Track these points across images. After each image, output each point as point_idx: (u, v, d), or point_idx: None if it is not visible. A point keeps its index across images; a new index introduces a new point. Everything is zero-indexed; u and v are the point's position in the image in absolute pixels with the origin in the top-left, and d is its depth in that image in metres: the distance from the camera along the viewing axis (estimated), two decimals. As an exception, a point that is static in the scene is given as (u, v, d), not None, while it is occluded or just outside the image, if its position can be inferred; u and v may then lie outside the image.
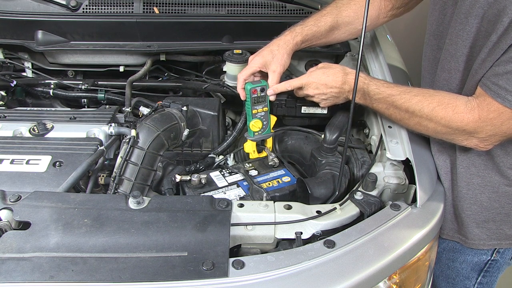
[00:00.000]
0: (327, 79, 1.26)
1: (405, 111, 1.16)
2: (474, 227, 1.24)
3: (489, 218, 1.22)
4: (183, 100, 1.49)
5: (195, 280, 0.87)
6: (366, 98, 1.24)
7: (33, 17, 1.69)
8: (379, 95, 1.20)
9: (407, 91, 1.16)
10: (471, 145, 1.10)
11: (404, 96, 1.15)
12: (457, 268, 1.34)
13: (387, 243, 1.02)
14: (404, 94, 1.16)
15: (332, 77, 1.26)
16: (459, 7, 1.08)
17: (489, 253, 1.29)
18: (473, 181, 1.20)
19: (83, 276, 0.87)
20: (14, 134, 1.31)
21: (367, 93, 1.23)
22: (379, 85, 1.21)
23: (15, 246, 0.92)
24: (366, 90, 1.23)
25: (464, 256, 1.31)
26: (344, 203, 1.13)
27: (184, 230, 0.97)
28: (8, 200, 1.02)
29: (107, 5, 1.73)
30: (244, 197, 1.21)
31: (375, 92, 1.21)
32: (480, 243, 1.26)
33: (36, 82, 1.73)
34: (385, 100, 1.20)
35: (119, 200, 1.04)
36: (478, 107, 1.05)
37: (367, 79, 1.24)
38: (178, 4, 1.77)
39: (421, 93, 1.14)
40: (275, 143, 1.47)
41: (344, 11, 1.42)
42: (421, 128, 1.17)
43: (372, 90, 1.21)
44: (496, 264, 1.31)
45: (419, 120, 1.14)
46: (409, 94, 1.15)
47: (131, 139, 1.24)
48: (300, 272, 0.92)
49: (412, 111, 1.14)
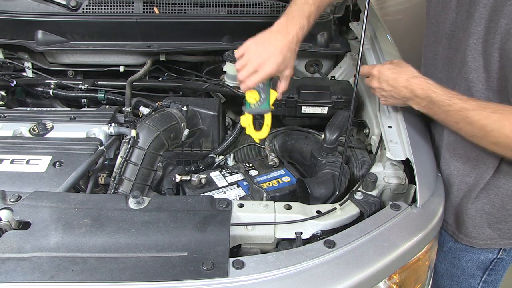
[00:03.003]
0: (390, 76, 1.21)
1: (480, 128, 1.07)
2: (486, 227, 1.23)
3: (501, 219, 1.22)
4: (183, 100, 1.49)
5: (195, 280, 0.87)
6: (431, 108, 1.15)
7: (33, 17, 1.69)
8: (450, 107, 1.10)
9: (483, 106, 1.07)
10: None
11: (481, 112, 1.06)
12: (462, 266, 1.33)
13: (387, 243, 1.02)
14: (480, 109, 1.06)
15: (396, 75, 1.20)
16: (483, 5, 1.05)
17: (496, 252, 1.29)
18: (488, 183, 1.19)
19: (83, 276, 0.87)
20: (14, 134, 1.31)
21: (435, 103, 1.13)
22: (451, 96, 1.11)
23: (15, 246, 0.92)
24: (434, 100, 1.13)
25: (471, 255, 1.31)
26: (344, 203, 1.13)
27: (184, 230, 0.97)
28: (8, 200, 1.02)
29: (107, 5, 1.73)
30: (244, 197, 1.21)
31: (446, 103, 1.11)
32: (492, 243, 1.26)
33: (36, 82, 1.73)
34: (456, 114, 1.10)
35: (119, 200, 1.04)
36: None
37: (437, 88, 1.13)
38: (178, 4, 1.77)
39: (499, 110, 1.05)
40: (275, 143, 1.47)
41: None
42: (497, 148, 1.08)
43: (442, 100, 1.11)
44: (502, 262, 1.31)
45: (496, 140, 1.05)
46: (486, 111, 1.05)
47: (131, 139, 1.24)
48: (300, 272, 0.92)
49: (490, 130, 1.05)
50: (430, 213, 1.13)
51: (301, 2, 1.26)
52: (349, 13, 1.95)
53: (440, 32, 1.23)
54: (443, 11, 1.21)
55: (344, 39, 1.91)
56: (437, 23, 1.24)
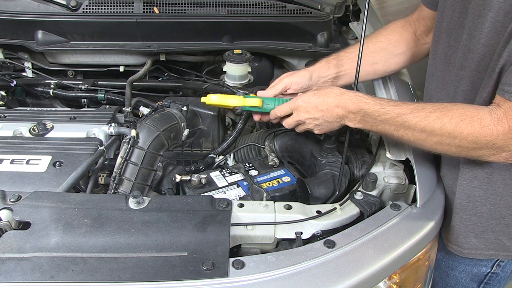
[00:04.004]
0: (317, 101, 1.13)
1: (420, 131, 1.02)
2: (472, 237, 1.19)
3: (488, 228, 1.17)
4: (183, 100, 1.49)
5: (195, 280, 0.87)
6: (367, 121, 1.09)
7: (33, 17, 1.69)
8: (386, 116, 1.05)
9: (420, 108, 1.03)
10: (500, 159, 1.00)
11: (418, 114, 1.02)
12: (456, 276, 1.31)
13: (387, 243, 1.02)
14: (417, 112, 1.02)
15: (323, 98, 1.13)
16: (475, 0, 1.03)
17: (489, 265, 1.25)
18: (475, 194, 1.14)
19: (83, 276, 0.87)
20: (14, 134, 1.31)
21: (369, 115, 1.08)
22: (384, 104, 1.07)
23: (15, 246, 0.92)
24: (367, 112, 1.08)
25: (463, 266, 1.28)
26: (344, 203, 1.13)
27: (184, 230, 0.97)
28: (8, 200, 1.02)
29: (107, 5, 1.73)
30: (244, 197, 1.21)
31: (380, 112, 1.06)
32: (477, 253, 1.21)
33: (36, 82, 1.73)
34: (393, 120, 1.05)
35: (119, 200, 1.04)
36: (506, 117, 0.94)
37: (368, 99, 1.08)
38: (178, 4, 1.77)
39: (437, 109, 1.01)
40: (275, 143, 1.47)
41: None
42: (441, 147, 1.04)
43: (376, 110, 1.06)
44: (497, 277, 1.27)
45: (439, 139, 1.01)
46: (423, 112, 1.02)
47: (131, 139, 1.23)
48: (300, 272, 0.92)
49: (431, 130, 1.01)
50: (430, 213, 1.13)
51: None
52: (349, 13, 1.95)
53: (439, 30, 1.22)
54: (441, 9, 1.19)
55: (344, 39, 1.91)
56: (437, 22, 1.23)
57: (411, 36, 1.39)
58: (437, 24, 1.22)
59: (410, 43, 1.39)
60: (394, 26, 1.42)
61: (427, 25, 1.35)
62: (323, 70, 1.37)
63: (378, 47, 1.39)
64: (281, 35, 1.81)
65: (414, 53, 1.40)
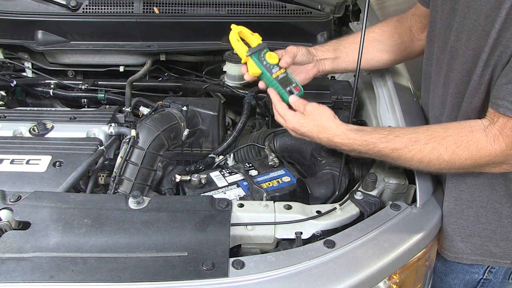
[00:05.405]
0: (309, 135, 1.14)
1: (418, 162, 1.04)
2: (459, 241, 1.18)
3: (474, 232, 1.17)
4: (183, 100, 1.49)
5: (195, 280, 0.87)
6: (365, 155, 1.12)
7: (33, 17, 1.69)
8: (382, 152, 1.07)
9: (414, 140, 1.03)
10: (501, 170, 1.02)
11: (413, 148, 1.03)
12: (449, 283, 1.30)
13: (387, 243, 1.02)
14: (412, 145, 1.03)
15: (316, 135, 1.13)
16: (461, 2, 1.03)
17: (481, 272, 1.24)
18: (462, 197, 1.15)
19: (83, 276, 0.87)
20: (14, 134, 1.31)
21: (364, 153, 1.10)
22: (377, 141, 1.06)
23: (15, 246, 0.92)
24: (362, 151, 1.09)
25: (456, 273, 1.27)
26: (344, 203, 1.13)
27: (184, 230, 0.97)
28: (8, 200, 1.02)
29: (107, 5, 1.73)
30: (244, 197, 1.21)
31: (376, 150, 1.07)
32: (463, 257, 1.20)
33: (36, 82, 1.73)
34: (389, 156, 1.07)
35: (119, 200, 1.04)
36: (501, 134, 0.94)
37: (360, 138, 1.08)
38: (178, 4, 1.77)
39: (431, 139, 1.02)
40: (275, 143, 1.47)
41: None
42: (442, 171, 1.09)
43: (370, 149, 1.08)
44: (490, 283, 1.26)
45: (438, 167, 1.04)
46: (417, 144, 1.02)
47: (131, 139, 1.24)
48: (300, 272, 0.92)
49: (428, 161, 1.03)
50: (430, 213, 1.14)
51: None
52: (349, 13, 1.95)
53: (433, 30, 1.21)
54: (434, 9, 1.19)
55: (344, 39, 1.91)
56: (430, 22, 1.22)
57: (406, 30, 1.39)
58: (430, 24, 1.22)
59: (404, 37, 1.39)
60: (390, 19, 1.43)
61: (422, 22, 1.36)
62: (320, 52, 1.37)
63: (371, 37, 1.40)
64: (281, 35, 1.80)
65: (408, 47, 1.40)
